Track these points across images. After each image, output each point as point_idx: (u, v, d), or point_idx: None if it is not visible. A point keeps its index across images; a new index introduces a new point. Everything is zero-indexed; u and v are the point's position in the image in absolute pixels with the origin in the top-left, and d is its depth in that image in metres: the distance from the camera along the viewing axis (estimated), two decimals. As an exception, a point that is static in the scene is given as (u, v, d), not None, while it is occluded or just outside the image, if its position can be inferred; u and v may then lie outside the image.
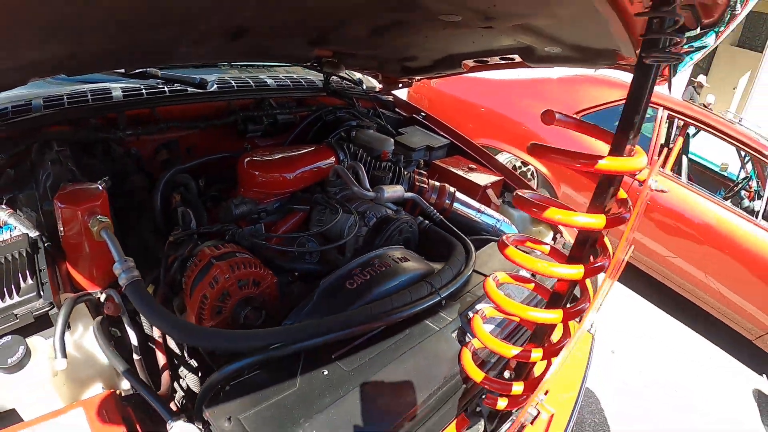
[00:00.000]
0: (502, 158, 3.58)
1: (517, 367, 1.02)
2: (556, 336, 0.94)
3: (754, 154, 2.95)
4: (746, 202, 3.50)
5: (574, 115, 0.85)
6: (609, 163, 0.69)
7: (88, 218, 0.98)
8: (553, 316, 0.83)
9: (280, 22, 1.35)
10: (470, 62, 1.81)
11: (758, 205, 3.04)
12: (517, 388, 0.90)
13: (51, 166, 1.15)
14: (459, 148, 2.07)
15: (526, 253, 0.82)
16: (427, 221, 1.48)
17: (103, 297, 1.02)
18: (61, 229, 1.02)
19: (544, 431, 1.10)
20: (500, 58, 1.70)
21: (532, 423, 0.94)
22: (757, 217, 2.89)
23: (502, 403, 0.92)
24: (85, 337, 0.97)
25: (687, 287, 3.16)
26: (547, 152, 0.74)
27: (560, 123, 0.72)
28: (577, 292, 0.90)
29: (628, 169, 0.69)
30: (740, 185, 3.66)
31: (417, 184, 1.62)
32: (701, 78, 9.11)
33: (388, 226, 1.37)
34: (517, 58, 1.62)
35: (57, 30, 0.93)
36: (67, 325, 0.88)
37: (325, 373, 0.87)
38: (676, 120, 3.27)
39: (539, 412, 0.94)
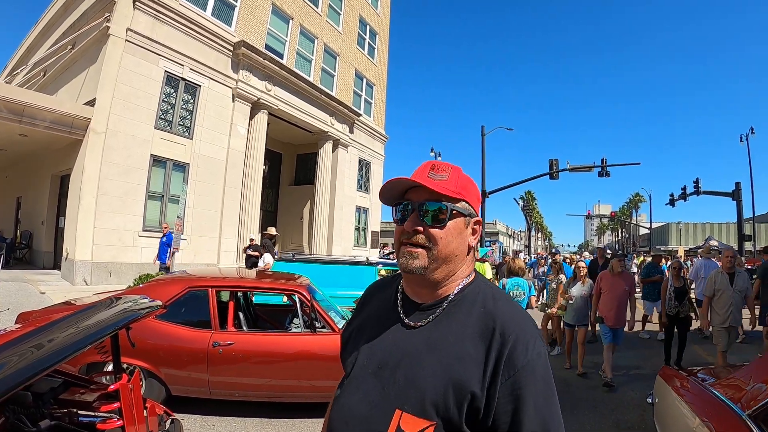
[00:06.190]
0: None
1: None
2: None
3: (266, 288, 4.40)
4: (296, 323, 4.53)
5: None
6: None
7: None
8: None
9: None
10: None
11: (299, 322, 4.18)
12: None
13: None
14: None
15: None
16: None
17: None
18: None
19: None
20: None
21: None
22: (314, 330, 3.97)
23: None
24: None
25: (280, 395, 3.90)
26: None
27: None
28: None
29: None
30: (292, 313, 4.78)
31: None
32: (271, 229, 9.76)
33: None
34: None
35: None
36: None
37: None
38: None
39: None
